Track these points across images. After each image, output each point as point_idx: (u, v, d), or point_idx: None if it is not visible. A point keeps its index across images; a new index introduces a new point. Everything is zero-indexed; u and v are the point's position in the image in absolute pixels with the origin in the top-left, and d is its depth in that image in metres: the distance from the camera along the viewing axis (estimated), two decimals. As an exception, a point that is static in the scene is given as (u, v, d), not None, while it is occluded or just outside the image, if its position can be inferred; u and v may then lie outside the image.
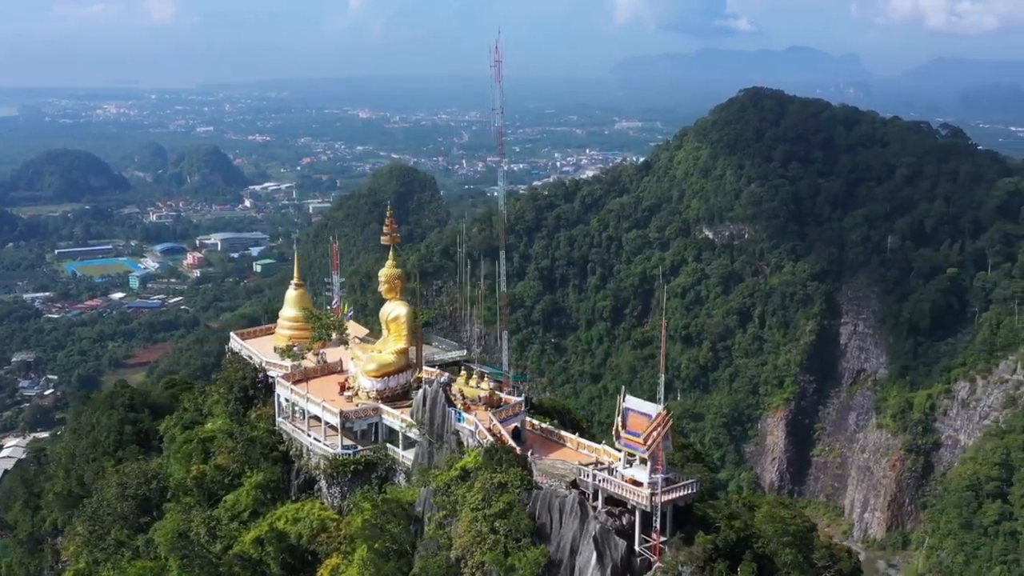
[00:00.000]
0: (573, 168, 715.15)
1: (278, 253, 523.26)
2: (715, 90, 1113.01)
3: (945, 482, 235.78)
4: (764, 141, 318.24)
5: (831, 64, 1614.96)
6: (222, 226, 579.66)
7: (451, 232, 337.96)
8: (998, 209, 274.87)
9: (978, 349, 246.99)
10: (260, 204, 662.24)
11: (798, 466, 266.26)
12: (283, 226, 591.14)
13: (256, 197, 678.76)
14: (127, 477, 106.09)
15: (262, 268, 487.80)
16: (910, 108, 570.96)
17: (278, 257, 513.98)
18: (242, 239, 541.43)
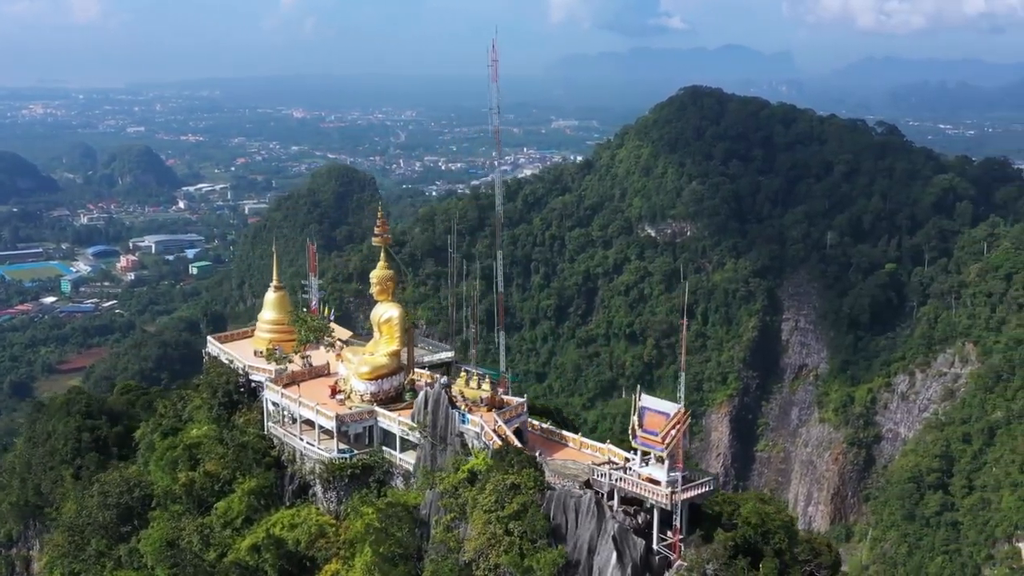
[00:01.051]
0: (511, 167, 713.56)
1: (214, 255, 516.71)
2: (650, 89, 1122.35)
3: (887, 474, 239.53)
4: (704, 139, 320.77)
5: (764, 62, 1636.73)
6: (156, 228, 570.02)
7: (392, 232, 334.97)
8: (934, 205, 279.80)
9: (917, 343, 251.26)
10: (194, 205, 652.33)
11: (742, 461, 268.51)
12: (219, 228, 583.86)
13: (190, 198, 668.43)
14: (108, 485, 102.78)
15: (198, 270, 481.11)
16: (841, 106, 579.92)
17: (214, 259, 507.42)
18: (177, 241, 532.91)
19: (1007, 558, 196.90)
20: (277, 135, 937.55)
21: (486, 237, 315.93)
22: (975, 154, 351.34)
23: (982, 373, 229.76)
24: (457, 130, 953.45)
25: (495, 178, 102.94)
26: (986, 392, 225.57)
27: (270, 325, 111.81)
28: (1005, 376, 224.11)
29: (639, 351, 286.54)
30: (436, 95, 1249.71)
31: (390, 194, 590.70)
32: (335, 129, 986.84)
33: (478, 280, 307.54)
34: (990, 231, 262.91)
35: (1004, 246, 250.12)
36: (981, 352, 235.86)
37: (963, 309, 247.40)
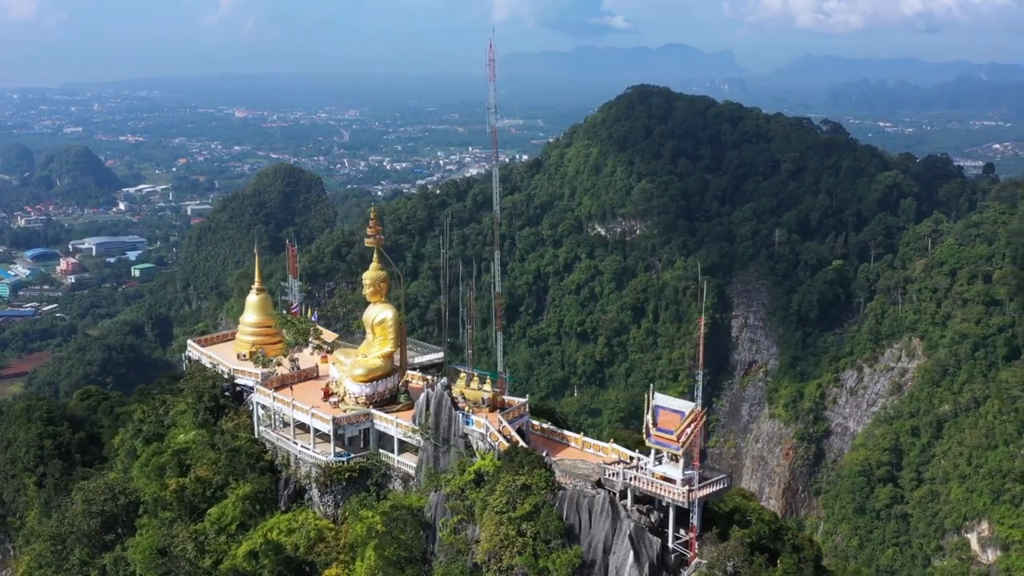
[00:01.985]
0: (457, 166, 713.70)
1: (157, 257, 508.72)
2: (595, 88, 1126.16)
3: (837, 468, 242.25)
4: (653, 138, 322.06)
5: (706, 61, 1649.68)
6: (96, 230, 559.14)
7: (341, 233, 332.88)
8: (879, 202, 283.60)
9: (864, 338, 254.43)
10: (135, 207, 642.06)
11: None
12: (161, 229, 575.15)
13: (131, 200, 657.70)
14: (92, 493, 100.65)
15: (141, 272, 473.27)
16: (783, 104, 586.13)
17: (157, 261, 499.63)
18: (118, 243, 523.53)
19: (956, 549, 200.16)
20: (218, 135, 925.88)
21: (435, 237, 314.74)
22: (914, 152, 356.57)
23: (929, 367, 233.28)
24: (401, 129, 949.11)
25: (493, 176, 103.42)
26: (933, 386, 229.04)
27: (253, 328, 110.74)
28: (951, 370, 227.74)
29: (590, 349, 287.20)
30: (379, 94, 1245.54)
31: (335, 194, 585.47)
32: (278, 129, 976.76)
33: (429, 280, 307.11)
34: (934, 227, 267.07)
35: (948, 242, 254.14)
36: (927, 346, 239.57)
37: (909, 304, 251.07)
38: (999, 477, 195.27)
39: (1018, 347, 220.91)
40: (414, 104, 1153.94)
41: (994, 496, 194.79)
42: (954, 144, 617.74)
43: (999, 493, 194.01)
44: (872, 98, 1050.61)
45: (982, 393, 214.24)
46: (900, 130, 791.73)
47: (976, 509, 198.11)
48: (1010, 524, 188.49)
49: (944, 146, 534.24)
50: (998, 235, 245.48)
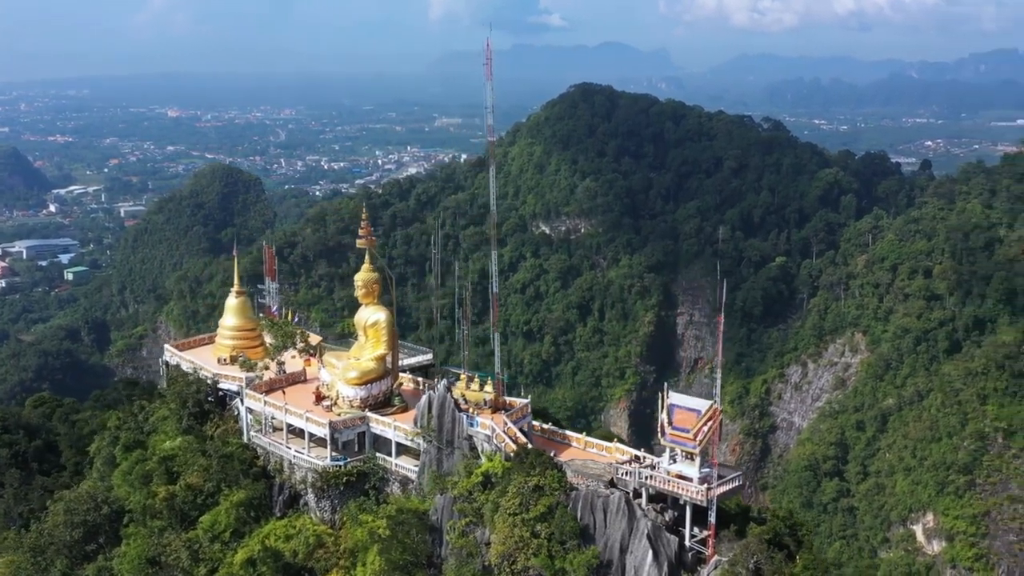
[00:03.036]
0: (395, 166, 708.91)
1: (91, 260, 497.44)
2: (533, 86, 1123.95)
3: (784, 463, 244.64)
4: (596, 136, 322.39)
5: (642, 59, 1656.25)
6: (26, 233, 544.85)
7: (283, 234, 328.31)
8: (820, 199, 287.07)
9: (808, 334, 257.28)
10: (66, 209, 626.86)
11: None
12: (93, 231, 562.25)
13: (61, 201, 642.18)
14: (74, 503, 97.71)
15: (74, 276, 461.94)
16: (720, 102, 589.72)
17: (91, 264, 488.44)
18: (49, 246, 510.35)
19: (902, 540, 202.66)
20: (151, 135, 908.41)
21: (379, 237, 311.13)
22: (850, 149, 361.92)
23: (872, 362, 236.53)
24: (338, 128, 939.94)
25: (490, 175, 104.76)
26: (876, 380, 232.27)
27: (233, 332, 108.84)
28: (894, 364, 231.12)
29: (536, 349, 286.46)
30: (315, 93, 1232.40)
31: (273, 194, 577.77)
32: (212, 128, 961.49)
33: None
34: (874, 223, 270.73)
35: (889, 238, 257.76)
36: (870, 341, 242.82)
37: (851, 300, 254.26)
38: (943, 469, 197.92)
39: (959, 341, 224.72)
40: (350, 103, 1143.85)
41: (939, 488, 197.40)
42: (888, 141, 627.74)
43: (943, 485, 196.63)
44: (807, 96, 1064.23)
45: (925, 386, 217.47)
46: (835, 128, 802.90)
47: (921, 501, 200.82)
48: (954, 515, 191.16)
49: (878, 143, 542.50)
50: (937, 231, 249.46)
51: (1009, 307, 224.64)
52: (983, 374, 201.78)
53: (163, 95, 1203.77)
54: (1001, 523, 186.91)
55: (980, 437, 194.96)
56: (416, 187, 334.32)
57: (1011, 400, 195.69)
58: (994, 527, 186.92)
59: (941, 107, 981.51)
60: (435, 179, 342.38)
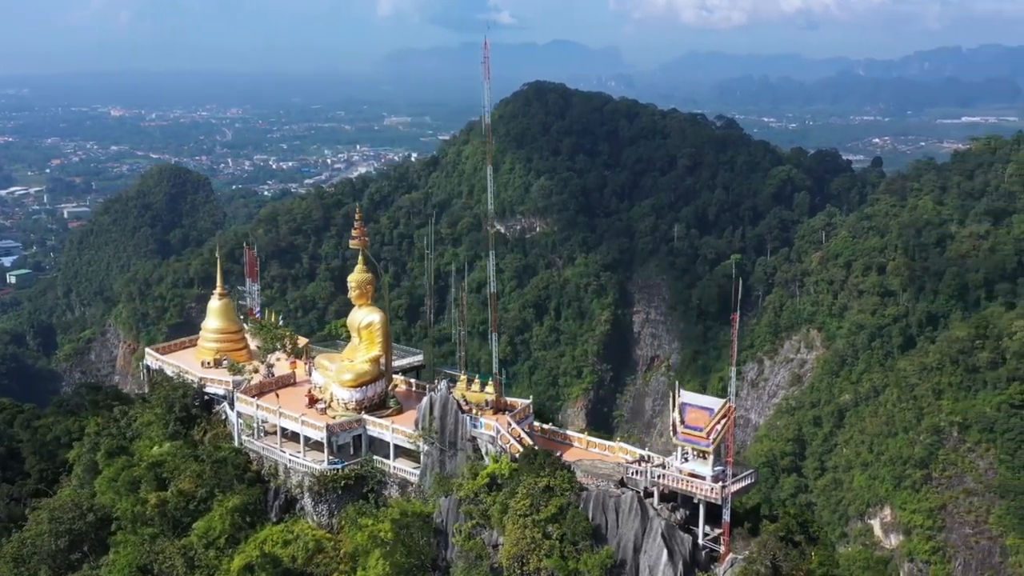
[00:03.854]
0: (345, 165, 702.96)
1: (34, 262, 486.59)
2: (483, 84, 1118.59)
3: (741, 460, 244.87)
4: (550, 135, 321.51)
5: (592, 57, 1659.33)
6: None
7: (234, 234, 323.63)
8: (773, 196, 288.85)
9: (764, 331, 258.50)
10: (7, 210, 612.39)
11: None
12: (36, 233, 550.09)
13: (2, 203, 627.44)
14: (59, 511, 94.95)
15: (17, 279, 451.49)
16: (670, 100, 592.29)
17: (34, 267, 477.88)
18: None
19: (860, 535, 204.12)
20: (94, 135, 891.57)
21: (332, 237, 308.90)
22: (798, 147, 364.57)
23: (828, 358, 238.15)
24: (286, 128, 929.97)
25: (488, 173, 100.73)
26: (832, 376, 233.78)
27: (216, 334, 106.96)
28: (849, 360, 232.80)
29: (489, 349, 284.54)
30: (262, 91, 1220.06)
31: (221, 194, 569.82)
32: (157, 128, 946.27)
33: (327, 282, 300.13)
34: (827, 220, 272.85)
35: (842, 235, 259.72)
36: (825, 338, 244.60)
37: (807, 297, 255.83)
38: (900, 463, 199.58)
39: (913, 336, 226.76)
40: (298, 101, 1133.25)
41: (895, 482, 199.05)
42: (836, 139, 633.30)
43: (900, 479, 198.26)
44: (756, 94, 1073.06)
45: (881, 382, 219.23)
46: (784, 125, 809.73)
47: (878, 495, 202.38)
48: (911, 509, 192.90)
49: (827, 141, 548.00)
50: (890, 227, 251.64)
51: (961, 302, 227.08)
52: (938, 369, 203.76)
53: (106, 94, 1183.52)
54: (957, 516, 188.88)
55: (936, 431, 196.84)
56: (369, 187, 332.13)
57: (965, 394, 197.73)
58: (950, 520, 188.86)
59: (888, 105, 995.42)
60: (388, 178, 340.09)
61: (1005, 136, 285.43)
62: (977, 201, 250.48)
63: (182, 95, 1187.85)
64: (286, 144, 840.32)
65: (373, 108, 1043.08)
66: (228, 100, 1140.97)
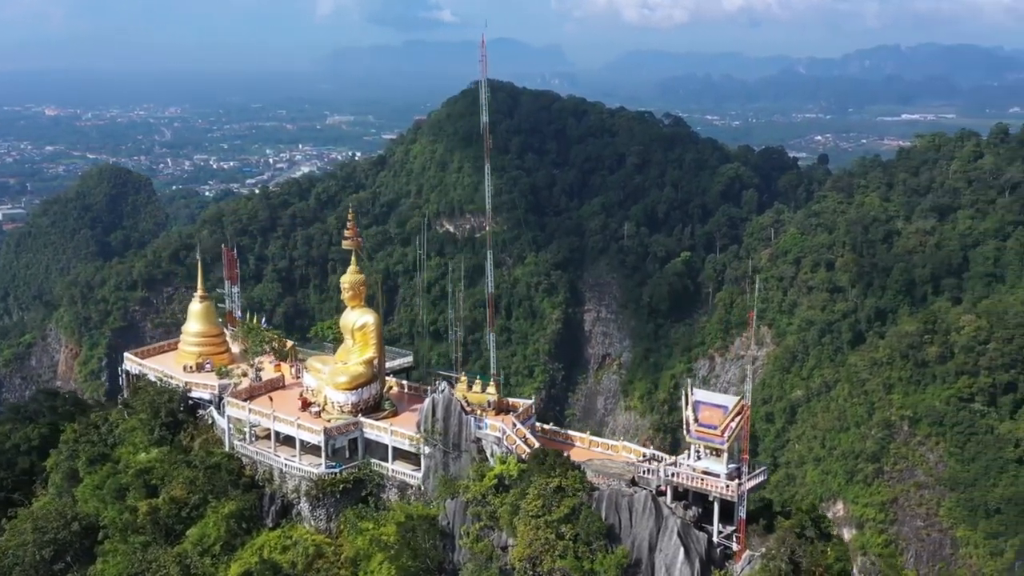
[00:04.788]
0: (288, 165, 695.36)
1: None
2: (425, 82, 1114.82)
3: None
4: (499, 133, 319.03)
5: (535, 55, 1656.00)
6: None
7: (178, 235, 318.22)
8: (722, 194, 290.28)
9: (715, 328, 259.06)
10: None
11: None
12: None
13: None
14: (43, 520, 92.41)
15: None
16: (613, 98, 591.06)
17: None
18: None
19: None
20: (28, 135, 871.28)
21: (279, 238, 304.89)
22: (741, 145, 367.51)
23: (778, 354, 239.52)
24: (226, 127, 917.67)
25: (486, 173, 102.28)
26: (783, 372, 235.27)
27: (197, 338, 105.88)
28: (800, 356, 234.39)
29: (444, 348, 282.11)
30: (201, 90, 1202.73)
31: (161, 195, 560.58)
32: (93, 127, 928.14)
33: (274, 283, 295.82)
34: (776, 217, 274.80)
35: (791, 232, 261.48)
36: (776, 334, 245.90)
37: (757, 293, 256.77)
38: (852, 458, 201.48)
39: (862, 332, 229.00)
40: (238, 100, 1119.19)
41: (848, 477, 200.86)
42: (779, 136, 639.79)
43: (852, 473, 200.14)
44: (699, 92, 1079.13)
45: (832, 377, 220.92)
46: (727, 123, 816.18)
47: (831, 490, 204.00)
48: (864, 503, 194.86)
49: (769, 138, 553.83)
50: (837, 224, 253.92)
51: (908, 298, 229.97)
52: (888, 364, 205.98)
53: (39, 93, 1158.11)
54: (908, 509, 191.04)
55: (887, 426, 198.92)
56: (316, 186, 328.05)
57: (915, 388, 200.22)
58: (902, 513, 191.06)
59: (829, 102, 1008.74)
60: (335, 178, 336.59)
61: (948, 133, 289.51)
62: (923, 198, 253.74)
63: (119, 94, 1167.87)
64: (227, 144, 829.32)
65: (315, 107, 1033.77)
66: (166, 99, 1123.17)
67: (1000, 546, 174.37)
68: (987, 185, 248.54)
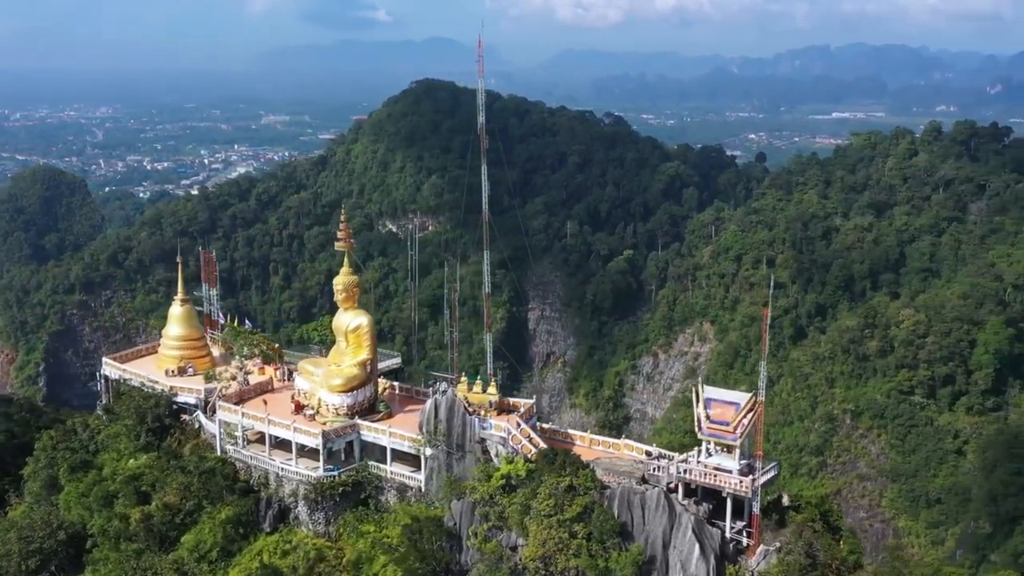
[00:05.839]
0: (223, 165, 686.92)
1: None
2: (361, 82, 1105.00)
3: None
4: (440, 133, 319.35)
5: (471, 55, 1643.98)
6: None
7: (116, 238, 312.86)
8: (663, 192, 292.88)
9: (658, 325, 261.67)
10: None
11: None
12: None
13: None
14: (30, 530, 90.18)
15: None
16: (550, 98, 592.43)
17: None
18: None
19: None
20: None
21: (219, 239, 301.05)
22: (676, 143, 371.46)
23: (721, 350, 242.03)
24: (160, 127, 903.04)
25: (482, 172, 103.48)
26: (727, 368, 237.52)
27: (178, 341, 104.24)
28: (743, 352, 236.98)
29: (388, 349, 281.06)
30: (133, 90, 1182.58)
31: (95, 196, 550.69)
32: (22, 128, 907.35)
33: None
34: (716, 215, 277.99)
35: (731, 229, 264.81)
36: (718, 330, 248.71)
37: (699, 291, 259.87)
38: (796, 452, 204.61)
39: (803, 327, 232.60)
40: (171, 100, 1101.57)
41: (792, 470, 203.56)
42: (713, 135, 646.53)
43: (796, 467, 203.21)
44: (634, 91, 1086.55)
45: (775, 373, 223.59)
46: (663, 122, 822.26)
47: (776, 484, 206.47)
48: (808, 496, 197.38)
49: (704, 137, 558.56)
50: (777, 221, 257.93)
51: (847, 293, 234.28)
52: (830, 358, 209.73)
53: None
54: (851, 500, 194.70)
55: (829, 419, 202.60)
56: (256, 187, 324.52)
57: (856, 382, 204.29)
58: (845, 505, 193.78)
59: (761, 101, 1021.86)
60: (276, 178, 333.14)
61: (883, 131, 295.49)
62: (860, 195, 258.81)
63: (48, 94, 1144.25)
64: (160, 144, 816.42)
65: (250, 107, 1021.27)
66: (97, 99, 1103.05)
67: (941, 535, 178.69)
68: (922, 182, 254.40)
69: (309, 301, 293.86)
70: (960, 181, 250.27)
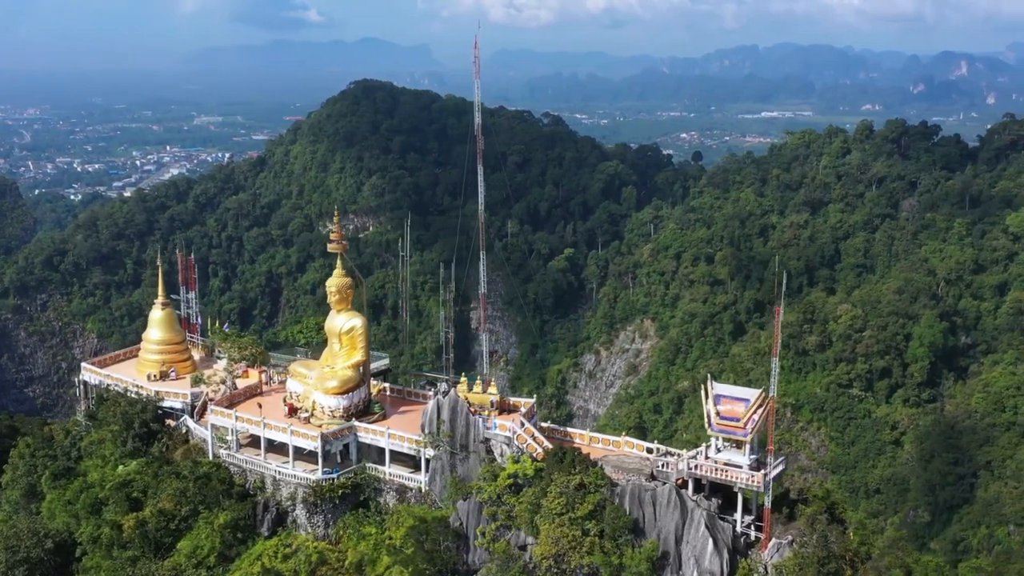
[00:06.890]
0: (155, 166, 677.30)
1: None
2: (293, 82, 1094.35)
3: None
4: (380, 133, 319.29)
5: (403, 55, 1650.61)
6: None
7: (51, 240, 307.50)
8: (602, 191, 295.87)
9: (600, 323, 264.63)
10: None
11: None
12: None
13: None
14: (15, 539, 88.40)
15: None
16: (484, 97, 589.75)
17: None
18: None
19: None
20: None
21: (157, 241, 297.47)
22: (610, 142, 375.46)
23: (663, 347, 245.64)
24: (90, 128, 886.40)
25: (479, 173, 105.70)
26: (668, 364, 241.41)
27: (159, 345, 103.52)
28: (684, 348, 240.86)
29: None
30: (61, 91, 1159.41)
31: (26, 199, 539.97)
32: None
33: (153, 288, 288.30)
34: (655, 213, 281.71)
35: (670, 227, 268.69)
36: (659, 327, 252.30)
37: (640, 288, 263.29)
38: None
39: (742, 323, 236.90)
40: (101, 101, 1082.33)
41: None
42: (646, 134, 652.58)
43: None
44: (566, 91, 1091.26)
45: (716, 368, 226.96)
46: (596, 122, 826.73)
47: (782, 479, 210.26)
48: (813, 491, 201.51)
49: (637, 136, 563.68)
50: (715, 219, 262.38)
51: (786, 289, 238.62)
52: (770, 353, 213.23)
53: None
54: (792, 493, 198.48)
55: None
56: (194, 188, 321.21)
57: (797, 376, 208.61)
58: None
59: (692, 100, 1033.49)
60: (214, 180, 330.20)
61: (816, 130, 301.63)
62: (795, 192, 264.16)
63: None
64: (91, 145, 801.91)
65: (182, 108, 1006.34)
66: (24, 100, 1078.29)
67: (880, 524, 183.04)
68: (855, 180, 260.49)
69: (249, 303, 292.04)
70: (892, 179, 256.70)
